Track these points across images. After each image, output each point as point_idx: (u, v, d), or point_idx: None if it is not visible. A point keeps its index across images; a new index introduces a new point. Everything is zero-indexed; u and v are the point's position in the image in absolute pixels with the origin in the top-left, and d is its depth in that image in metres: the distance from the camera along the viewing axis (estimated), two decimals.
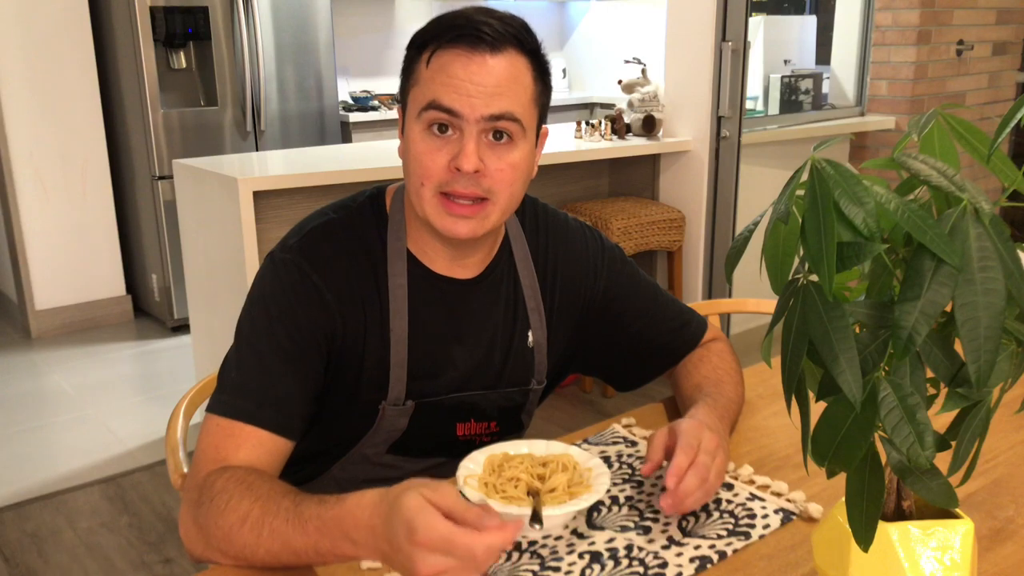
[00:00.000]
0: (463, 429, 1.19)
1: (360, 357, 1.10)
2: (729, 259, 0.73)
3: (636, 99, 3.45)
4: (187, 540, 0.97)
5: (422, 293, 1.13)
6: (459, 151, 1.01)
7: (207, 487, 0.95)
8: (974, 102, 4.32)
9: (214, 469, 0.98)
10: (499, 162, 1.03)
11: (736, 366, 1.27)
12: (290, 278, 1.07)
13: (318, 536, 0.87)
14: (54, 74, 3.93)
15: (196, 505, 0.95)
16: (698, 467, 0.97)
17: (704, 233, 3.39)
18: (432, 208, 1.04)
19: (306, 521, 0.88)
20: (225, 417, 1.01)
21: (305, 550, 0.88)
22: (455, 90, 0.99)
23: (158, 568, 2.31)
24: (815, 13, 4.68)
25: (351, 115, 4.48)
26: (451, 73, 1.00)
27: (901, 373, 0.67)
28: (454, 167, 1.01)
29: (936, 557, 0.74)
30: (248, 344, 1.06)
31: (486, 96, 1.00)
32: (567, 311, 1.23)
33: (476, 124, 1.00)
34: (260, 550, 0.90)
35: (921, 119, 0.71)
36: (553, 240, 1.22)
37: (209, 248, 2.79)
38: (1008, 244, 0.62)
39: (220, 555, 0.93)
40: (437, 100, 1.00)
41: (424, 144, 1.03)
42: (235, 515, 0.91)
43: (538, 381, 1.22)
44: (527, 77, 1.03)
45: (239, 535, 0.90)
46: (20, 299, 4.12)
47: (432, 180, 1.03)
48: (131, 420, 3.21)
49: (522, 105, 1.03)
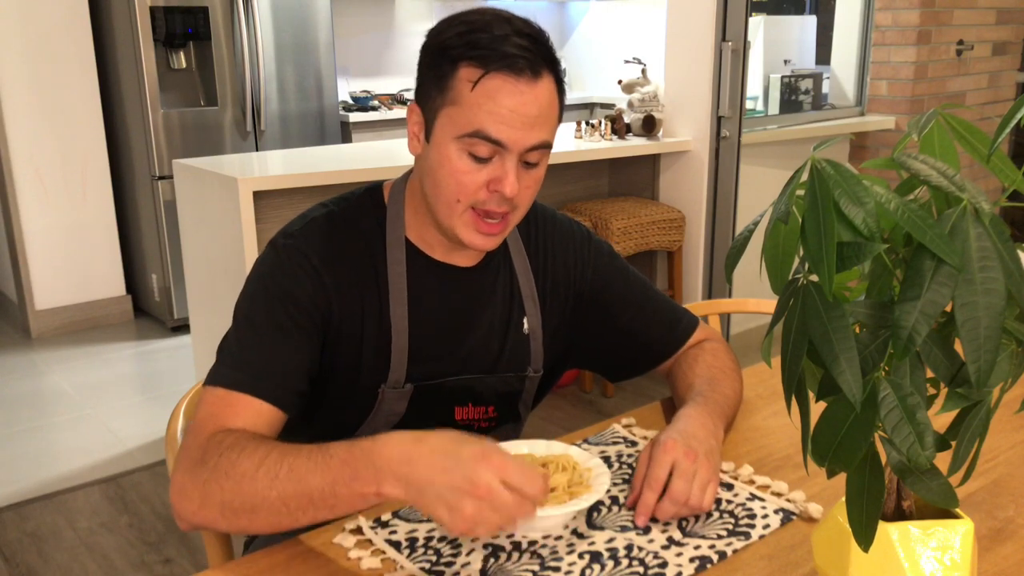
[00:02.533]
0: (461, 413, 1.21)
1: (358, 341, 1.13)
2: (729, 259, 0.73)
3: (636, 99, 3.45)
4: (179, 501, 0.96)
5: (421, 279, 1.16)
6: (500, 176, 1.05)
7: (214, 444, 0.96)
8: (974, 102, 4.32)
9: (217, 430, 0.99)
10: (528, 179, 1.08)
11: (732, 363, 1.28)
12: (290, 260, 1.11)
13: (340, 469, 0.88)
14: (54, 74, 3.93)
15: (199, 463, 0.96)
16: (673, 494, 0.98)
17: (704, 233, 3.39)
18: (463, 224, 1.08)
19: (331, 456, 0.90)
20: (223, 388, 1.03)
21: (321, 490, 0.89)
22: (502, 121, 1.02)
23: (158, 568, 2.31)
24: (815, 13, 4.68)
25: (351, 115, 4.48)
26: (499, 103, 1.02)
27: (901, 373, 0.67)
28: (492, 189, 1.06)
29: (936, 557, 0.74)
30: (247, 321, 1.09)
31: (528, 128, 1.03)
32: (559, 300, 1.26)
33: (518, 154, 1.05)
34: (272, 493, 0.90)
35: (921, 119, 0.71)
36: (544, 232, 1.26)
37: (209, 248, 2.79)
38: (1008, 244, 0.62)
39: (219, 512, 0.93)
40: (484, 131, 1.02)
41: (463, 164, 1.05)
42: (250, 461, 0.92)
43: (534, 369, 1.25)
44: (556, 102, 1.08)
45: (252, 480, 0.91)
46: (20, 299, 4.12)
47: (467, 199, 1.07)
48: (131, 420, 3.21)
49: (553, 130, 1.08)
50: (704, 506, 0.99)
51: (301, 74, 4.25)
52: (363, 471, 0.88)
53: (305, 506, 0.90)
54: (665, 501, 0.99)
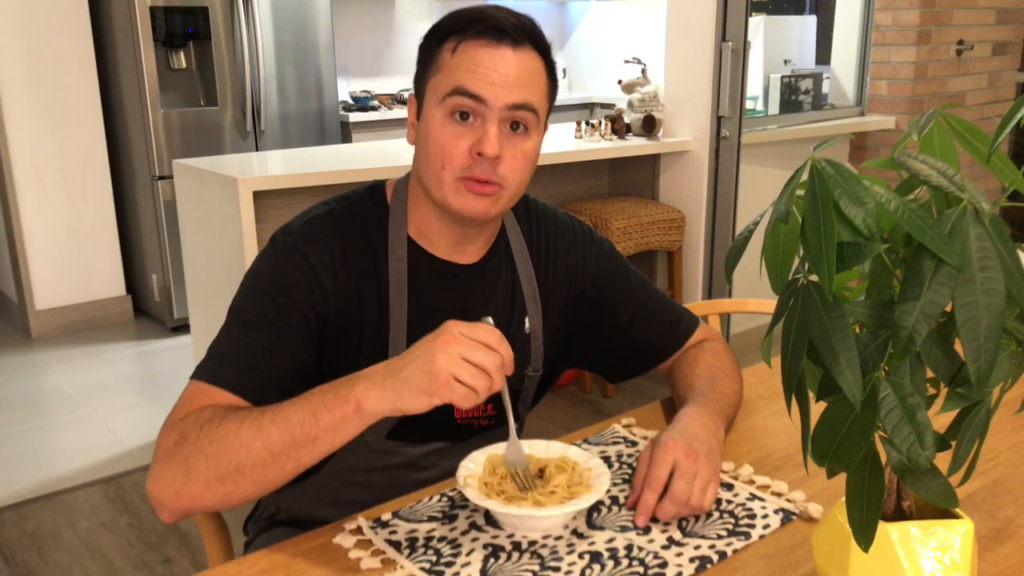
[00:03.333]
0: (461, 412, 1.21)
1: (358, 341, 1.13)
2: (729, 259, 0.73)
3: (636, 99, 3.45)
4: (158, 488, 0.96)
5: (423, 276, 1.16)
6: (481, 137, 1.05)
7: (191, 421, 0.98)
8: (974, 102, 4.32)
9: (191, 411, 1.00)
10: (515, 151, 1.08)
11: (732, 363, 1.28)
12: (288, 258, 1.11)
13: (320, 396, 0.93)
14: (54, 74, 3.93)
15: (178, 443, 0.96)
16: (674, 494, 0.99)
17: (704, 233, 3.39)
18: (451, 190, 1.08)
19: (312, 392, 0.94)
20: (205, 382, 1.04)
21: (302, 422, 0.92)
22: (481, 77, 1.04)
23: (158, 568, 2.31)
24: (815, 13, 4.68)
25: (351, 115, 4.48)
26: (477, 61, 1.05)
27: (901, 373, 0.67)
28: (475, 152, 1.06)
29: (936, 557, 0.74)
30: (238, 316, 1.10)
31: (509, 86, 1.05)
32: (560, 300, 1.26)
33: (499, 112, 1.05)
34: (256, 445, 0.92)
35: (921, 119, 0.71)
36: (545, 231, 1.26)
37: (209, 248, 2.79)
38: (1008, 244, 0.62)
39: (203, 485, 0.94)
40: (463, 86, 1.04)
41: (446, 130, 1.07)
42: (233, 421, 0.95)
43: (534, 369, 1.25)
44: (543, 75, 1.10)
45: (236, 437, 0.93)
46: (20, 299, 4.12)
47: (453, 164, 1.07)
48: (131, 420, 3.21)
49: (539, 98, 1.08)
50: (705, 506, 1.00)
51: (301, 74, 4.25)
52: (341, 389, 0.93)
53: (288, 447, 0.92)
54: (666, 501, 0.99)
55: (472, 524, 1.00)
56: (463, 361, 0.89)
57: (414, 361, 0.90)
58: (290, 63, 4.20)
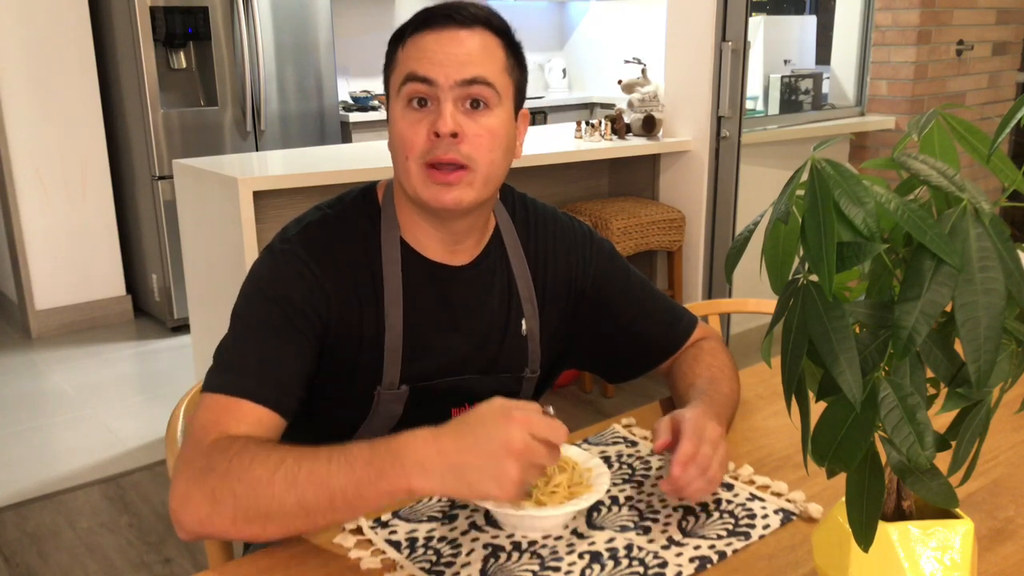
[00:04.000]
0: (458, 414, 1.20)
1: (356, 344, 1.13)
2: (729, 259, 0.73)
3: (636, 99, 3.45)
4: (183, 510, 0.93)
5: (416, 279, 1.15)
6: (436, 117, 1.05)
7: (220, 451, 0.94)
8: (974, 102, 4.32)
9: (220, 437, 0.97)
10: (476, 127, 1.07)
11: (730, 363, 1.28)
12: (287, 265, 1.10)
13: (364, 470, 0.88)
14: (54, 74, 3.93)
15: (205, 471, 0.93)
16: (701, 458, 0.98)
17: (704, 233, 3.39)
18: (419, 180, 1.08)
19: (354, 458, 0.89)
20: (223, 394, 1.01)
21: (344, 491, 0.88)
22: (428, 61, 1.05)
23: (158, 568, 2.31)
24: (815, 13, 4.68)
25: (351, 115, 4.48)
26: (424, 47, 1.06)
27: (901, 373, 0.67)
28: (433, 133, 1.06)
29: (936, 557, 0.74)
30: (245, 325, 1.08)
31: (458, 64, 1.05)
32: (559, 301, 1.25)
33: (451, 90, 1.05)
34: (290, 498, 0.88)
35: (921, 119, 0.71)
36: (543, 232, 1.25)
37: (209, 248, 2.79)
38: (1008, 244, 0.62)
39: (230, 521, 0.91)
40: (412, 72, 1.06)
41: (405, 120, 1.08)
42: (264, 467, 0.90)
43: (531, 370, 1.24)
44: (499, 50, 1.09)
45: (269, 486, 0.89)
46: (20, 299, 4.12)
47: (415, 151, 1.07)
48: (131, 420, 3.21)
49: (495, 73, 1.08)
50: (717, 480, 0.99)
51: (301, 74, 4.25)
52: (390, 470, 0.87)
53: (325, 509, 0.89)
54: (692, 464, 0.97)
55: (472, 524, 1.00)
56: (531, 465, 0.87)
57: (482, 467, 0.85)
58: (290, 63, 4.20)
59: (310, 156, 3.13)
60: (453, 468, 0.86)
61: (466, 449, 0.86)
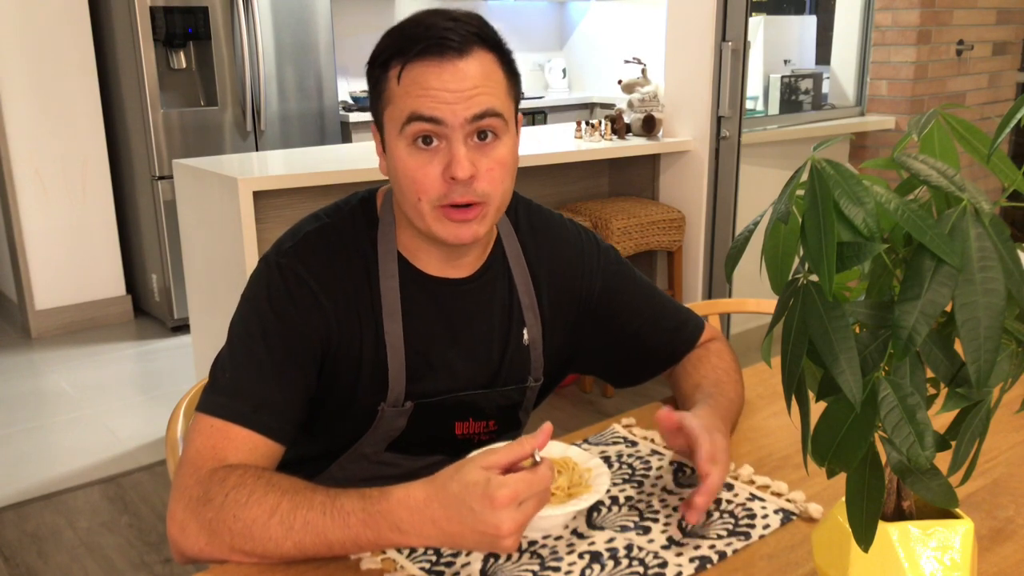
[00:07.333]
0: (461, 428, 1.20)
1: (357, 360, 1.10)
2: (729, 259, 0.73)
3: (636, 99, 3.45)
4: (182, 538, 0.94)
5: (414, 294, 1.13)
6: (450, 160, 1.01)
7: (217, 482, 0.94)
8: (974, 102, 4.32)
9: (217, 467, 0.97)
10: (488, 162, 1.03)
11: (735, 365, 1.27)
12: (286, 282, 1.07)
13: (361, 529, 0.89)
14: (54, 74, 3.93)
15: (202, 502, 0.94)
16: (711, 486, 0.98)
17: (704, 233, 3.39)
18: (434, 220, 1.04)
19: (348, 515, 0.89)
20: (220, 418, 1.00)
21: (342, 543, 0.90)
22: (433, 99, 0.99)
23: (158, 568, 2.31)
24: (815, 13, 4.68)
25: (351, 115, 4.48)
26: (425, 84, 1.00)
27: (901, 373, 0.67)
28: (448, 177, 1.01)
29: (936, 557, 0.74)
30: (244, 346, 1.06)
31: (465, 100, 1.00)
32: (562, 310, 1.23)
33: (461, 129, 1.00)
34: (287, 543, 0.90)
35: (921, 119, 0.71)
36: (546, 240, 1.23)
37: (209, 248, 2.79)
38: (1008, 244, 0.62)
39: (228, 551, 0.92)
40: (417, 112, 1.00)
41: (412, 160, 1.02)
42: (260, 508, 0.91)
43: (535, 379, 1.23)
44: (498, 72, 1.04)
45: (265, 528, 0.90)
46: (20, 299, 4.12)
47: (429, 195, 1.03)
48: (131, 420, 3.21)
49: (501, 100, 1.03)
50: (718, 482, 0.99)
51: (301, 74, 4.25)
52: (386, 533, 0.89)
53: (324, 552, 0.91)
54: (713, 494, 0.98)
55: None
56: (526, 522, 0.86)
57: (479, 542, 0.86)
58: (290, 63, 4.20)
59: (310, 156, 3.13)
60: (450, 537, 0.87)
61: (457, 521, 0.86)
